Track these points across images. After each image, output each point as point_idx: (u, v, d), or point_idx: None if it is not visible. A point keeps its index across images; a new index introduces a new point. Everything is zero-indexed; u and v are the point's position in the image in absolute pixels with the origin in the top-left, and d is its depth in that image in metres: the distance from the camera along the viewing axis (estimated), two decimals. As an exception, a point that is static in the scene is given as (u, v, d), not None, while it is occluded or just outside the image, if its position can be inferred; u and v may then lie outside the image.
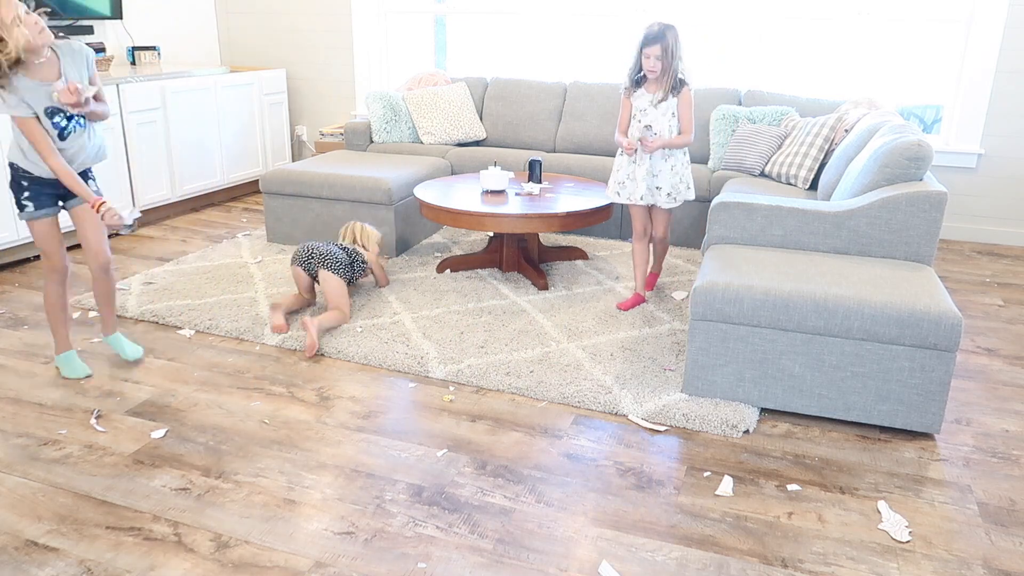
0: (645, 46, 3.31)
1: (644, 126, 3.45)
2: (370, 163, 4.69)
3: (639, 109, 3.47)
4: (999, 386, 3.05)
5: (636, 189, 3.53)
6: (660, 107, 3.42)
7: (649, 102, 3.43)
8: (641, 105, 3.46)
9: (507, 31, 5.73)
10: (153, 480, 2.36)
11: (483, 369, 3.04)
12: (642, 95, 3.45)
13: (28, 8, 2.56)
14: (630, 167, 3.54)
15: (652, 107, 3.43)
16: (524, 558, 2.05)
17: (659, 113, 3.42)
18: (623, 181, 3.57)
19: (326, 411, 2.78)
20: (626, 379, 2.98)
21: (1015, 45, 4.60)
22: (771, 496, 2.33)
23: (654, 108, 3.43)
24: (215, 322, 3.45)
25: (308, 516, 2.21)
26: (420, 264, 4.25)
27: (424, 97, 5.23)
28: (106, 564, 2.01)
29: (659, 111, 3.42)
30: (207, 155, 5.35)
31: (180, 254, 4.44)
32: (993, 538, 2.16)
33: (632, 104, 3.50)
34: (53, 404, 2.80)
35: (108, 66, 5.00)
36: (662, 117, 3.42)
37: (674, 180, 3.51)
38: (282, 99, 5.99)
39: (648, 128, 3.44)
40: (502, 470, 2.44)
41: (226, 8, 6.26)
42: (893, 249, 2.95)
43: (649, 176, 3.50)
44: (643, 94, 3.45)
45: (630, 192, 3.56)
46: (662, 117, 3.42)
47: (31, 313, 3.61)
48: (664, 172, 3.49)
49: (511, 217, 3.71)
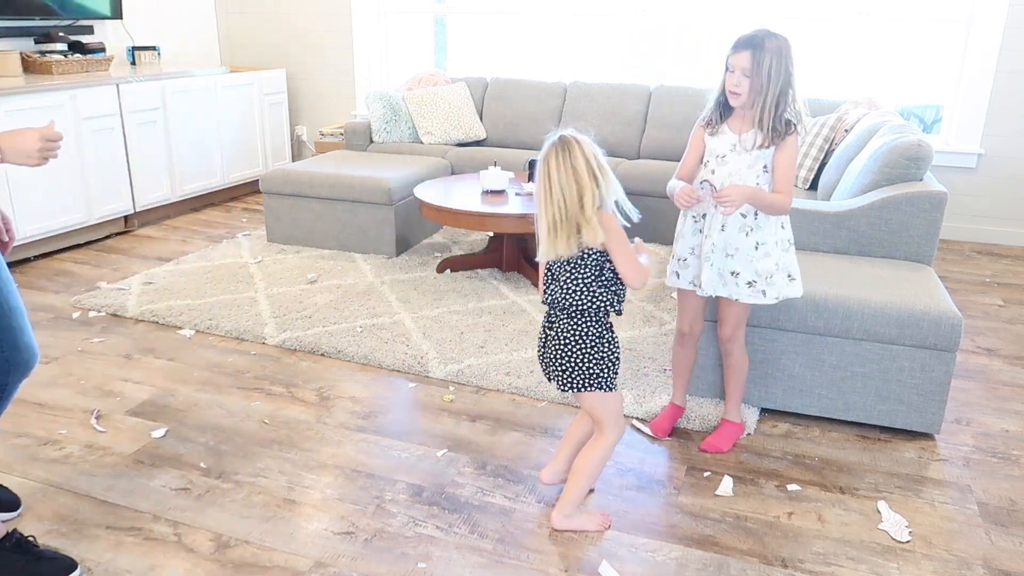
0: (731, 53, 2.22)
1: (701, 181, 2.35)
2: (370, 163, 4.69)
3: (714, 154, 2.32)
4: (999, 386, 3.05)
5: (699, 270, 2.40)
6: (747, 156, 2.27)
7: (730, 146, 2.29)
8: (719, 149, 2.31)
9: (507, 31, 5.73)
10: (153, 480, 2.36)
11: (483, 369, 3.04)
12: (724, 134, 2.30)
13: None
14: (695, 235, 2.41)
15: (733, 153, 2.29)
16: (524, 558, 2.05)
17: (742, 164, 2.27)
18: (685, 257, 2.44)
19: (326, 411, 2.78)
20: (626, 379, 2.98)
21: (1015, 45, 4.60)
22: (771, 496, 2.33)
23: (736, 155, 2.28)
24: (215, 322, 3.45)
25: (308, 516, 2.21)
26: (420, 264, 4.25)
27: (424, 97, 5.23)
28: (106, 564, 2.01)
29: (743, 161, 2.27)
30: (207, 155, 5.34)
31: (180, 254, 4.44)
32: (993, 538, 2.16)
33: (705, 143, 2.36)
34: (53, 404, 2.80)
35: (108, 66, 5.00)
36: (747, 171, 2.27)
37: (762, 265, 2.33)
38: (282, 99, 5.99)
39: (706, 184, 2.31)
40: (502, 470, 2.44)
41: (226, 8, 6.26)
42: (893, 249, 2.95)
43: (721, 255, 2.35)
44: (726, 132, 2.30)
45: (694, 274, 2.43)
46: (747, 171, 2.27)
47: (31, 313, 3.60)
48: (744, 250, 2.32)
49: (511, 217, 3.71)
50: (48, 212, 4.26)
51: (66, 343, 3.29)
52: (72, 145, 4.35)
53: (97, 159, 4.51)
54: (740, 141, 2.27)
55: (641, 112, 5.03)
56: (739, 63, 2.19)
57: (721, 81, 2.26)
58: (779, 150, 2.24)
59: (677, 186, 2.31)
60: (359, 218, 4.37)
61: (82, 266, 4.26)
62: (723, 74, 2.25)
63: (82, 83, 4.39)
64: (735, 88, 2.21)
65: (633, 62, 5.45)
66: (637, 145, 5.02)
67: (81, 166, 4.42)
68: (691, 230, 2.41)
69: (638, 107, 5.04)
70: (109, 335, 3.37)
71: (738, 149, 2.28)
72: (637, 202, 2.20)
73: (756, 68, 2.17)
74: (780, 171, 2.26)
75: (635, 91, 5.06)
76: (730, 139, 2.29)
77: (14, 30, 4.71)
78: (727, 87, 2.23)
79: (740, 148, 2.28)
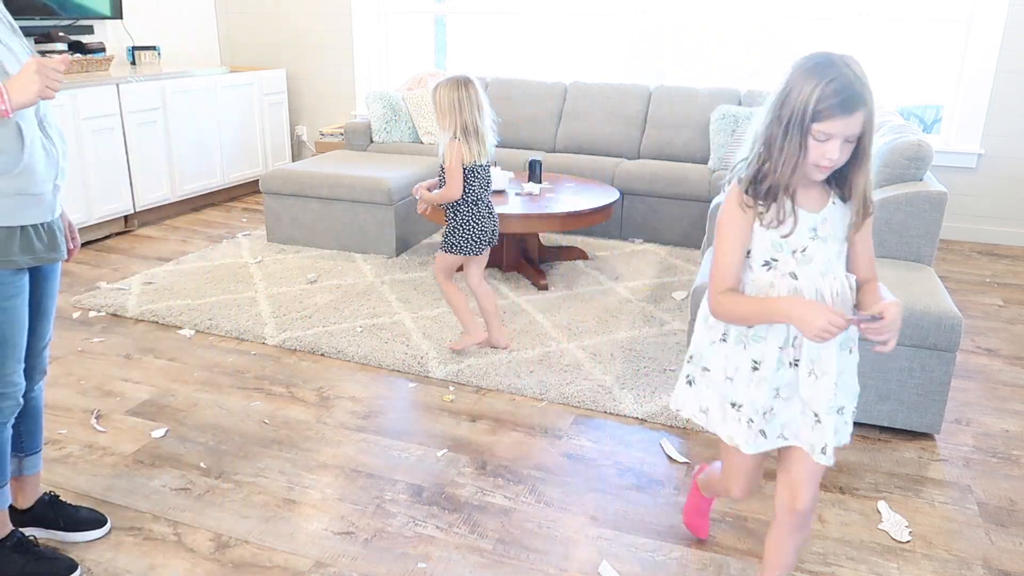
0: (838, 115, 1.40)
1: (859, 311, 1.57)
2: (370, 163, 4.69)
3: (790, 249, 1.55)
4: (999, 386, 3.05)
5: (790, 417, 1.65)
6: (835, 243, 1.56)
7: (811, 232, 1.54)
8: (797, 242, 1.54)
9: (507, 31, 5.73)
10: (153, 480, 2.36)
11: (483, 369, 3.04)
12: (796, 217, 1.53)
13: None
14: (781, 370, 1.60)
15: (815, 242, 1.55)
16: (524, 558, 2.05)
17: (831, 255, 1.57)
18: (771, 406, 1.63)
19: (326, 411, 2.78)
20: (626, 379, 2.98)
21: (1015, 45, 4.60)
22: (771, 496, 2.33)
23: (820, 244, 1.55)
24: (215, 322, 3.45)
25: (308, 516, 2.21)
26: (420, 264, 4.25)
27: (424, 97, 5.22)
28: (106, 564, 2.01)
29: (831, 251, 1.56)
30: (207, 155, 5.34)
31: (180, 254, 4.44)
32: (993, 538, 2.16)
33: (765, 229, 1.55)
34: (53, 404, 2.80)
35: (108, 66, 5.00)
36: (837, 264, 1.58)
37: (851, 394, 1.65)
38: (282, 99, 5.99)
39: (866, 315, 1.48)
40: (502, 470, 2.44)
41: (226, 8, 6.26)
42: (893, 249, 2.95)
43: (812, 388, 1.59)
44: (800, 215, 1.53)
45: (783, 424, 1.66)
46: (837, 264, 1.58)
47: (31, 313, 3.60)
48: (848, 373, 1.63)
49: (511, 217, 3.71)
50: (48, 212, 4.25)
51: (66, 343, 3.29)
52: (72, 145, 4.35)
53: (97, 159, 4.51)
54: (823, 222, 1.55)
55: (641, 112, 5.04)
56: (851, 128, 1.42)
57: (780, 145, 1.46)
58: (865, 224, 1.58)
59: (795, 308, 1.46)
60: (359, 218, 4.37)
61: (82, 266, 4.26)
62: (790, 137, 1.44)
63: (82, 83, 4.39)
64: (833, 161, 1.45)
65: (633, 62, 5.45)
66: (637, 145, 5.02)
67: (81, 166, 4.42)
68: (775, 363, 1.60)
69: (638, 107, 5.04)
70: (109, 335, 3.37)
71: (822, 235, 1.55)
72: (638, 202, 2.20)
73: (869, 129, 1.45)
74: (870, 251, 1.63)
75: (635, 91, 5.06)
76: (808, 222, 1.54)
77: (14, 30, 4.71)
78: (815, 159, 1.45)
79: (827, 233, 1.55)
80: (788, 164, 1.47)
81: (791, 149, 1.45)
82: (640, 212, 4.63)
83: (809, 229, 1.54)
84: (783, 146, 1.46)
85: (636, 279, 4.04)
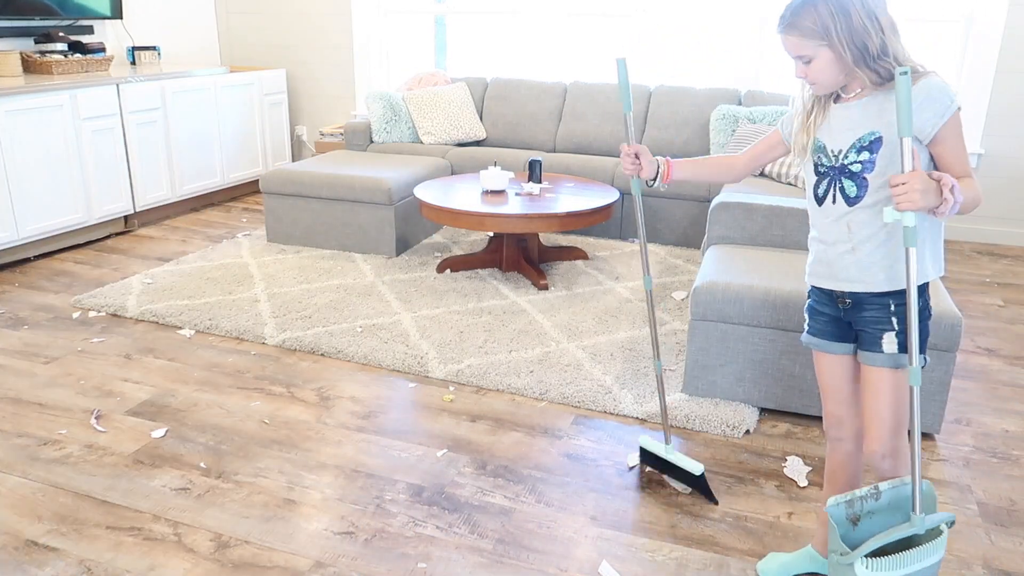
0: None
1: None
2: (370, 163, 4.69)
3: None
4: (999, 386, 3.05)
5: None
6: None
7: None
8: None
9: (507, 31, 5.73)
10: (153, 480, 2.36)
11: (483, 369, 3.04)
12: None
13: None
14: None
15: None
16: (524, 558, 2.05)
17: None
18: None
19: (326, 411, 2.78)
20: (626, 379, 2.98)
21: (1015, 45, 4.60)
22: (771, 496, 2.33)
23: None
24: (215, 322, 3.45)
25: (308, 516, 2.21)
26: (420, 264, 4.25)
27: (424, 97, 5.23)
28: (106, 564, 2.01)
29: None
30: (207, 155, 5.34)
31: (180, 254, 4.44)
32: (993, 538, 2.16)
33: None
34: (53, 404, 2.80)
35: (108, 66, 5.00)
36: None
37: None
38: (282, 99, 5.98)
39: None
40: (502, 470, 2.44)
41: (226, 8, 6.26)
42: (893, 249, 2.95)
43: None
44: None
45: None
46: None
47: (31, 313, 3.61)
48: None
49: (511, 217, 3.71)
50: (48, 212, 4.26)
51: (66, 343, 3.29)
52: (72, 145, 4.35)
53: (97, 159, 4.51)
54: None
55: (641, 112, 5.04)
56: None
57: None
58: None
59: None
60: (359, 218, 4.37)
61: (82, 266, 4.26)
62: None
63: (82, 83, 4.39)
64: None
65: (633, 62, 5.45)
66: (637, 145, 5.02)
67: (81, 166, 4.42)
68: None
69: (638, 107, 5.04)
70: (109, 335, 3.37)
71: None
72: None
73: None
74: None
75: (635, 91, 5.06)
76: None
77: (14, 30, 4.71)
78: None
79: None
80: None
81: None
82: (641, 211, 4.62)
83: None
84: None
85: (636, 279, 4.04)
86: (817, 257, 1.81)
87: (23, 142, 4.08)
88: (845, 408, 1.86)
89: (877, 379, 1.72)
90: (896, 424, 1.73)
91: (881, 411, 1.73)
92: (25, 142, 4.09)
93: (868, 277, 1.70)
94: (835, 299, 1.78)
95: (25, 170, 4.11)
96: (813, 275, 1.84)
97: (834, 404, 1.87)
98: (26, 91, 4.09)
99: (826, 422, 1.92)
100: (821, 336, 1.84)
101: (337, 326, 3.42)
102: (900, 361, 1.70)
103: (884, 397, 1.72)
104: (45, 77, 4.46)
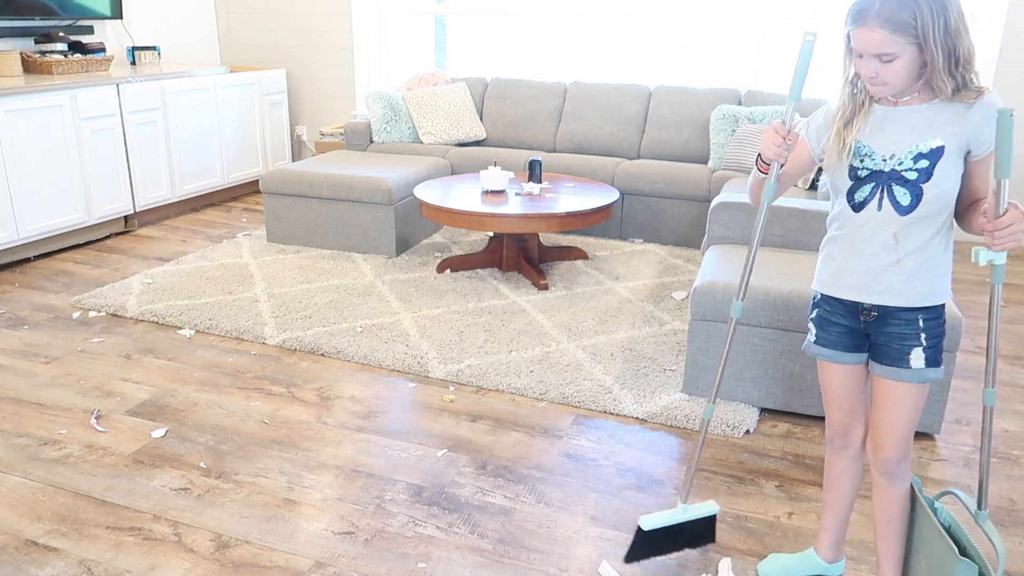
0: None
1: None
2: (370, 163, 4.69)
3: None
4: (999, 386, 3.05)
5: None
6: None
7: None
8: None
9: (507, 31, 5.73)
10: (153, 480, 2.36)
11: (483, 369, 3.04)
12: None
13: None
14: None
15: None
16: (524, 558, 2.05)
17: None
18: None
19: (326, 411, 2.78)
20: (626, 379, 2.98)
21: (1015, 45, 4.60)
22: (771, 496, 2.33)
23: None
24: (215, 322, 3.45)
25: (308, 516, 2.21)
26: (420, 264, 4.25)
27: (424, 97, 5.23)
28: (106, 564, 2.01)
29: None
30: (207, 155, 5.34)
31: (180, 254, 4.44)
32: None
33: None
34: (53, 404, 2.80)
35: (108, 66, 5.00)
36: None
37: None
38: (282, 99, 5.98)
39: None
40: (502, 470, 2.44)
41: (226, 8, 6.26)
42: (893, 249, 2.95)
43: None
44: None
45: None
46: None
47: (31, 313, 3.61)
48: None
49: (511, 217, 3.71)
50: (48, 212, 4.26)
51: (66, 343, 3.29)
52: (72, 145, 4.35)
53: (97, 159, 4.51)
54: None
55: (641, 112, 5.04)
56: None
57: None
58: None
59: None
60: (359, 218, 4.37)
61: (82, 266, 4.26)
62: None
63: (82, 83, 4.39)
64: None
65: (633, 62, 5.45)
66: (637, 145, 5.02)
67: (81, 166, 4.42)
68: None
69: (638, 107, 5.04)
70: (109, 335, 3.37)
71: None
72: (638, 202, 2.21)
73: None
74: None
75: (635, 91, 5.06)
76: None
77: (14, 30, 4.71)
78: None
79: None
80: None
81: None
82: (640, 212, 4.63)
83: None
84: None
85: (636, 279, 4.04)
86: (842, 267, 1.69)
87: (23, 142, 4.08)
88: (852, 417, 1.83)
89: (901, 392, 1.67)
90: (911, 430, 1.72)
91: (900, 421, 1.70)
92: (25, 142, 4.09)
93: (910, 290, 1.63)
94: (855, 310, 1.70)
95: (25, 170, 4.11)
96: (834, 286, 1.71)
97: (842, 413, 1.83)
98: (26, 91, 4.09)
99: (830, 430, 1.88)
100: (833, 347, 1.77)
101: (337, 326, 3.42)
102: (926, 376, 1.66)
103: (904, 408, 1.68)
104: (45, 77, 4.46)
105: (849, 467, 1.90)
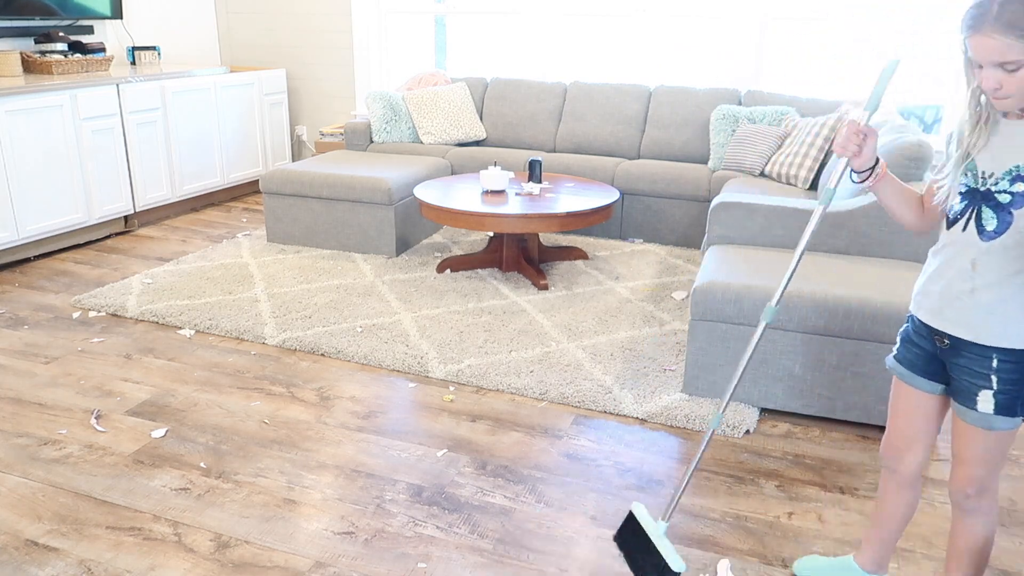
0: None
1: None
2: (370, 163, 4.69)
3: None
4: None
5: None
6: None
7: None
8: None
9: (507, 31, 5.73)
10: (153, 480, 2.36)
11: (483, 369, 3.04)
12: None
13: None
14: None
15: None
16: (524, 558, 2.05)
17: None
18: None
19: (326, 411, 2.78)
20: (626, 379, 2.98)
21: (1015, 45, 4.59)
22: (771, 496, 2.33)
23: None
24: (215, 322, 3.45)
25: (308, 516, 2.21)
26: (420, 264, 4.25)
27: (424, 97, 5.23)
28: (106, 564, 2.01)
29: None
30: (207, 155, 5.34)
31: (180, 254, 4.44)
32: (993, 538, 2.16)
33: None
34: (53, 404, 2.80)
35: (108, 66, 5.00)
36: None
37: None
38: (282, 99, 5.98)
39: None
40: (502, 470, 2.44)
41: (226, 8, 6.26)
42: (893, 249, 2.95)
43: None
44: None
45: None
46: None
47: (31, 313, 3.61)
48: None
49: (511, 217, 3.71)
50: (48, 212, 4.26)
51: (66, 343, 3.29)
52: (72, 145, 4.35)
53: (97, 159, 4.51)
54: None
55: (641, 112, 5.03)
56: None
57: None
58: None
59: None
60: (359, 218, 4.37)
61: (82, 266, 4.26)
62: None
63: (82, 83, 4.39)
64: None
65: (633, 62, 5.45)
66: (637, 145, 5.02)
67: (81, 166, 4.42)
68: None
69: (638, 107, 5.04)
70: (109, 335, 3.37)
71: None
72: (638, 202, 2.20)
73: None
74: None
75: (635, 91, 5.06)
76: None
77: (14, 30, 4.71)
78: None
79: None
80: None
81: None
82: (640, 212, 4.63)
83: None
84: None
85: (636, 279, 4.04)
86: (926, 286, 1.59)
87: (23, 142, 4.08)
88: (907, 443, 1.72)
89: (970, 433, 1.58)
90: (988, 471, 1.60)
91: (970, 460, 1.60)
92: (25, 142, 4.09)
93: (983, 326, 1.48)
94: (932, 335, 1.60)
95: (25, 170, 4.11)
96: (918, 305, 1.62)
97: (898, 436, 1.73)
98: (26, 91, 4.09)
99: (884, 448, 1.78)
100: (909, 367, 1.67)
101: (337, 326, 3.42)
102: (992, 423, 1.53)
103: (973, 449, 1.58)
104: (45, 77, 4.46)
105: (899, 492, 1.77)
